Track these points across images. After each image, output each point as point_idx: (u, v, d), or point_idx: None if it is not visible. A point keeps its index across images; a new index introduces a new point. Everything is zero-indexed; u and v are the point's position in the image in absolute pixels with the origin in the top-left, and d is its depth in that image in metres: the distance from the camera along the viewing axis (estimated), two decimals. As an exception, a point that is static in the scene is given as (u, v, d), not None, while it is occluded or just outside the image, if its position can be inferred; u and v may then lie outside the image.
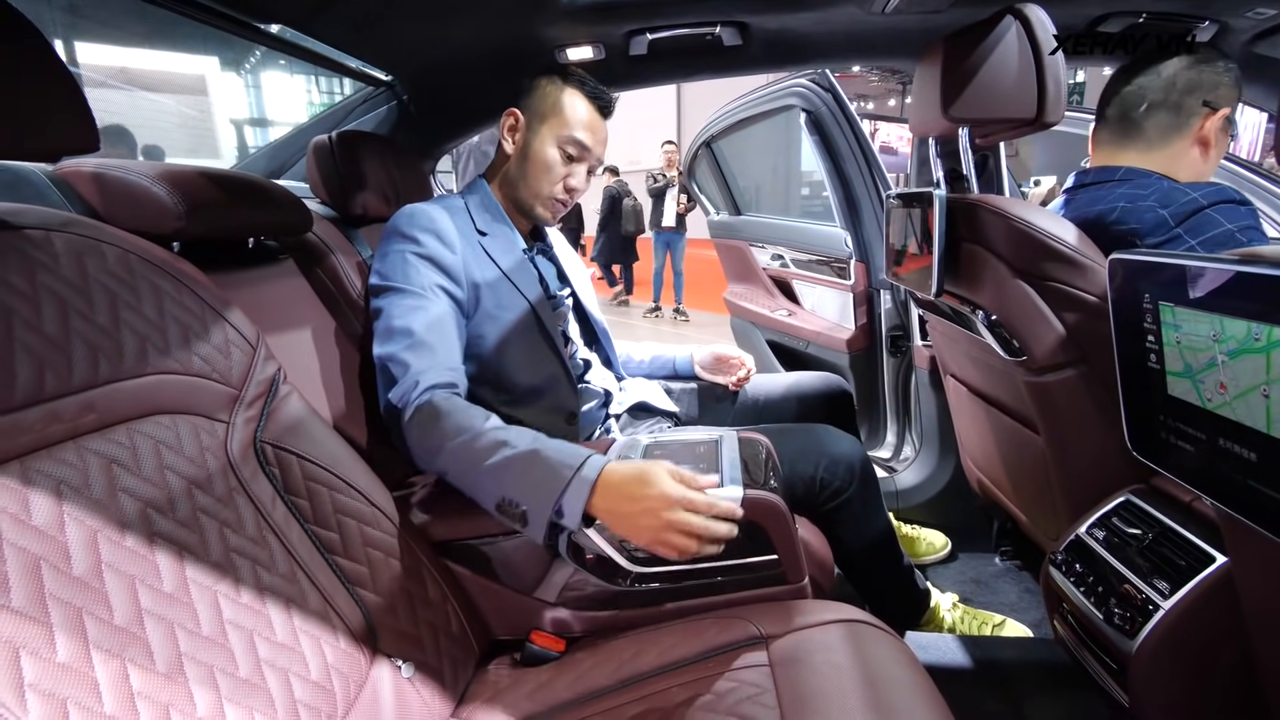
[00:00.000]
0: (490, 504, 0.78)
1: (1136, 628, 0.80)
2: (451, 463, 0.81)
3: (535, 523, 0.75)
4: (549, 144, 1.07)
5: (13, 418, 0.52)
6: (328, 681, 0.64)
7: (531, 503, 0.75)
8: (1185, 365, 0.47)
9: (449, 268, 1.00)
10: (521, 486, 0.76)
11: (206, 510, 0.63)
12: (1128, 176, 1.01)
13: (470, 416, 0.84)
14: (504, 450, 0.79)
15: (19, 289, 0.56)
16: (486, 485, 0.78)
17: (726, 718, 0.64)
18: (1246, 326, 0.40)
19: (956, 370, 1.37)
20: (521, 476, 0.76)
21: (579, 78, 1.09)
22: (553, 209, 1.11)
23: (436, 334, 0.93)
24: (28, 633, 0.46)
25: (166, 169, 0.82)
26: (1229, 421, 0.43)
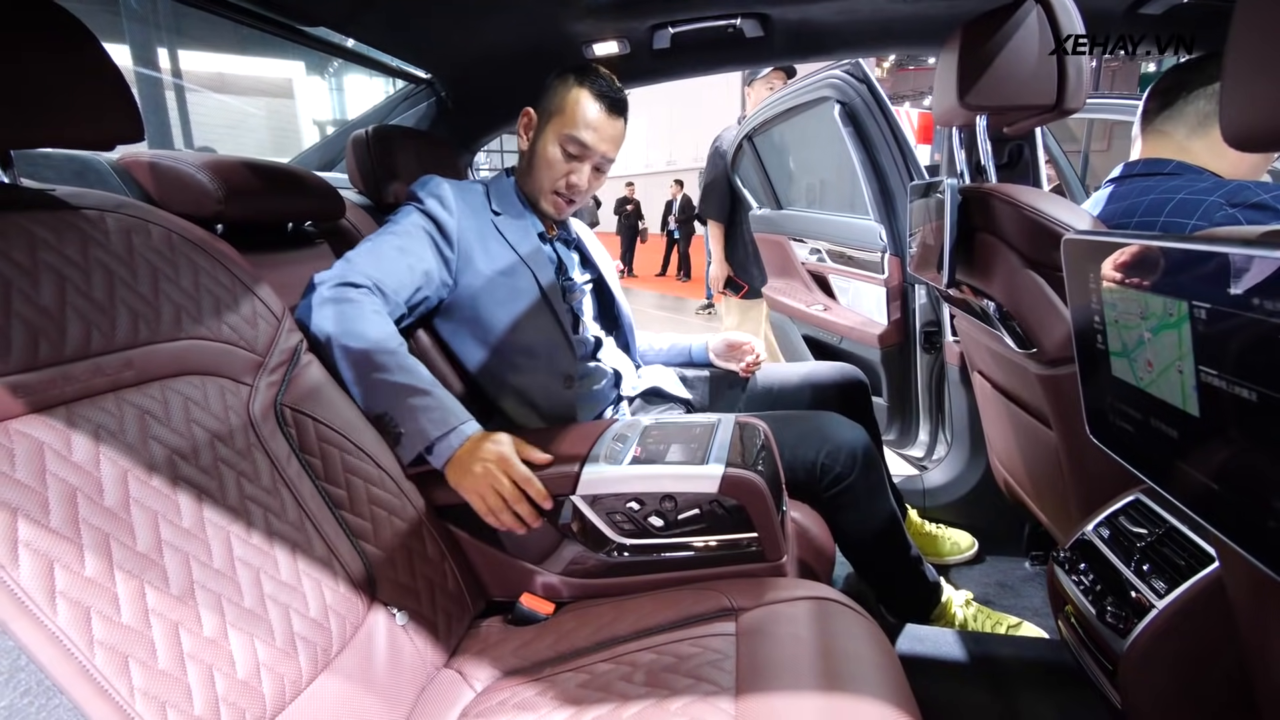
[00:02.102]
0: (372, 410, 0.89)
1: (1130, 627, 0.78)
2: (354, 357, 0.89)
3: (407, 447, 0.88)
4: (551, 142, 1.12)
5: (62, 369, 0.61)
6: (325, 620, 0.71)
7: (410, 430, 0.88)
8: (1123, 344, 0.46)
9: (443, 224, 1.07)
10: (409, 415, 0.88)
11: (226, 461, 0.71)
12: (1179, 171, 0.97)
13: (388, 332, 0.93)
14: (406, 376, 0.90)
15: (74, 260, 0.65)
16: (378, 395, 0.88)
17: (686, 679, 0.67)
18: (1162, 302, 0.40)
19: (982, 366, 1.34)
20: (412, 407, 0.88)
21: (591, 76, 1.11)
22: (555, 204, 1.16)
23: (397, 260, 1.00)
24: (61, 549, 0.54)
25: (213, 159, 0.92)
26: (1155, 399, 0.43)
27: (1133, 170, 1.02)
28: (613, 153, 1.14)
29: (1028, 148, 1.36)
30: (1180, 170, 0.97)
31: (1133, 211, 0.95)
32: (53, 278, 0.62)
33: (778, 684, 0.63)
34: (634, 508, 0.86)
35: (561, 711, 0.67)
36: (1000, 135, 1.26)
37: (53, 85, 0.62)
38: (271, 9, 1.11)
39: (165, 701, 0.54)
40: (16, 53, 0.60)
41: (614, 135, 1.13)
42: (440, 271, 1.06)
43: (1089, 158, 6.66)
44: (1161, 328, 0.40)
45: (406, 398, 0.88)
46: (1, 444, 0.54)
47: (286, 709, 0.63)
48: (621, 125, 1.14)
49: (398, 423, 0.88)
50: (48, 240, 0.63)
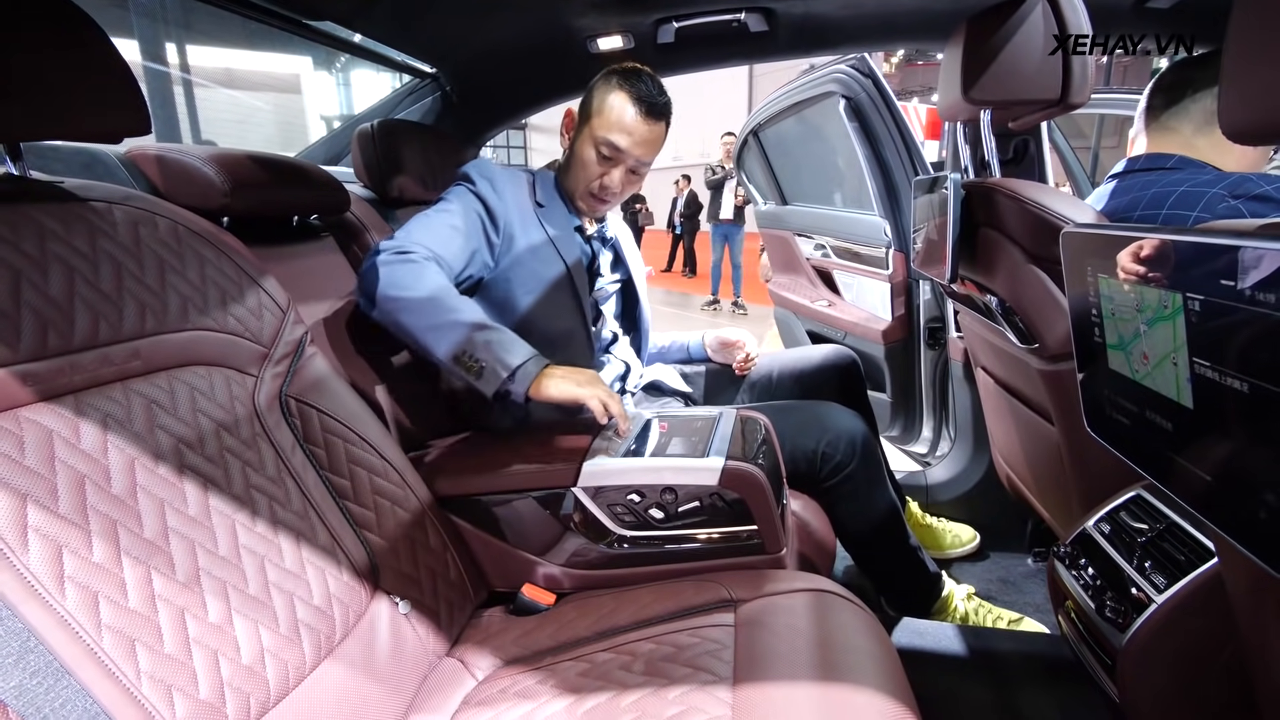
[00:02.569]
0: (448, 353, 0.92)
1: (1129, 622, 0.78)
2: (419, 308, 0.93)
3: (489, 379, 0.91)
4: (587, 143, 1.12)
5: (71, 358, 0.62)
6: (329, 608, 0.72)
7: (490, 362, 0.91)
8: (1119, 337, 0.46)
9: (491, 207, 1.09)
10: (486, 349, 0.91)
11: (231, 450, 0.72)
12: (1180, 165, 0.97)
13: (451, 285, 0.97)
14: (477, 316, 0.94)
15: (82, 251, 0.66)
16: (451, 337, 0.92)
17: (684, 668, 0.68)
18: (1158, 295, 0.40)
19: (985, 362, 1.34)
20: (488, 342, 0.92)
21: (632, 77, 1.10)
22: (589, 205, 1.17)
23: (451, 237, 1.04)
24: (70, 535, 0.55)
25: (219, 152, 0.93)
26: (1151, 392, 0.43)
27: (1135, 165, 1.02)
28: (648, 156, 1.13)
29: (1033, 143, 1.36)
30: (1182, 165, 0.97)
31: (1135, 205, 0.95)
32: (61, 268, 0.63)
33: (775, 674, 0.64)
34: (635, 500, 0.87)
35: (561, 700, 0.68)
36: (1005, 130, 1.26)
37: (61, 79, 0.63)
38: (279, 3, 1.12)
39: (171, 685, 0.55)
40: (26, 47, 0.61)
41: (650, 139, 1.11)
42: (485, 253, 1.09)
43: (1098, 154, 6.61)
44: (1157, 320, 0.41)
45: (480, 333, 0.92)
46: (11, 431, 0.55)
47: (290, 694, 0.64)
48: (660, 129, 1.12)
49: (476, 357, 0.91)
50: (57, 232, 0.64)
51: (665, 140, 1.15)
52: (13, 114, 0.61)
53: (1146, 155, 1.01)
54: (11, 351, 0.57)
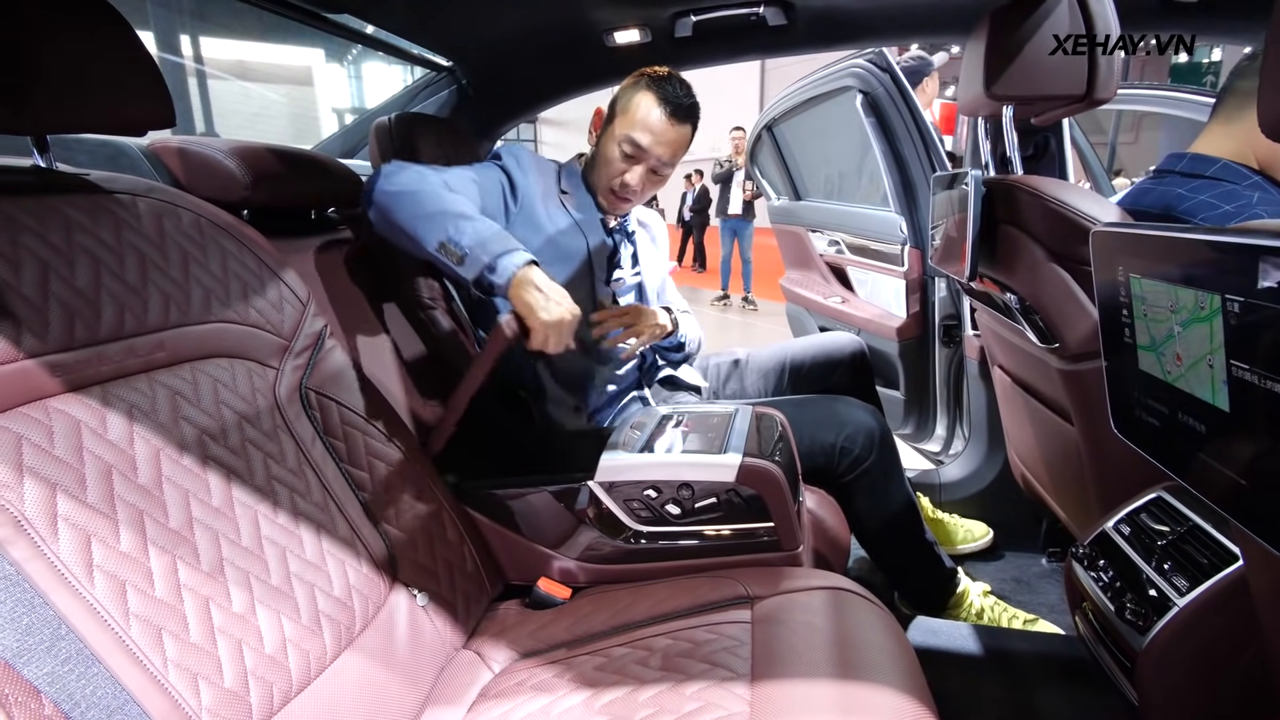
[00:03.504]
0: (433, 241, 0.91)
1: (1149, 624, 0.77)
2: (410, 202, 0.93)
3: (470, 264, 0.89)
4: (612, 141, 1.13)
5: (97, 349, 0.62)
6: (349, 599, 0.73)
7: (473, 249, 0.89)
8: (1150, 338, 0.46)
9: (514, 181, 1.12)
10: (470, 237, 0.90)
11: (253, 442, 0.73)
12: (1223, 175, 0.90)
13: (440, 184, 0.98)
14: (464, 208, 0.94)
15: (108, 243, 0.67)
16: (438, 225, 0.91)
17: (701, 664, 0.68)
18: (1194, 295, 0.39)
19: (1002, 360, 1.33)
20: (473, 231, 0.91)
21: (660, 80, 1.11)
22: (610, 202, 1.18)
23: (466, 181, 1.06)
24: (98, 524, 0.56)
25: (240, 145, 0.93)
26: (1184, 394, 0.43)
27: (1175, 166, 0.96)
28: (670, 157, 1.13)
29: (1054, 139, 1.34)
30: (1226, 174, 0.90)
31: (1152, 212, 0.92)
32: (88, 260, 0.64)
33: (793, 671, 0.64)
34: (651, 495, 0.87)
35: (579, 693, 0.68)
36: (1026, 126, 1.24)
37: (89, 71, 0.64)
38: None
39: (197, 673, 0.56)
40: (53, 40, 0.61)
41: (674, 140, 1.11)
42: (499, 215, 1.11)
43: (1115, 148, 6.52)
44: (1192, 321, 0.40)
45: (466, 221, 0.91)
46: (40, 421, 0.56)
47: (311, 684, 0.65)
48: (685, 132, 1.12)
49: (459, 244, 0.90)
50: (83, 223, 0.65)
51: (690, 144, 1.15)
52: (39, 106, 0.61)
53: (1191, 156, 0.96)
54: (40, 342, 0.57)
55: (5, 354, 0.55)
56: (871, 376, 1.41)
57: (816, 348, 1.39)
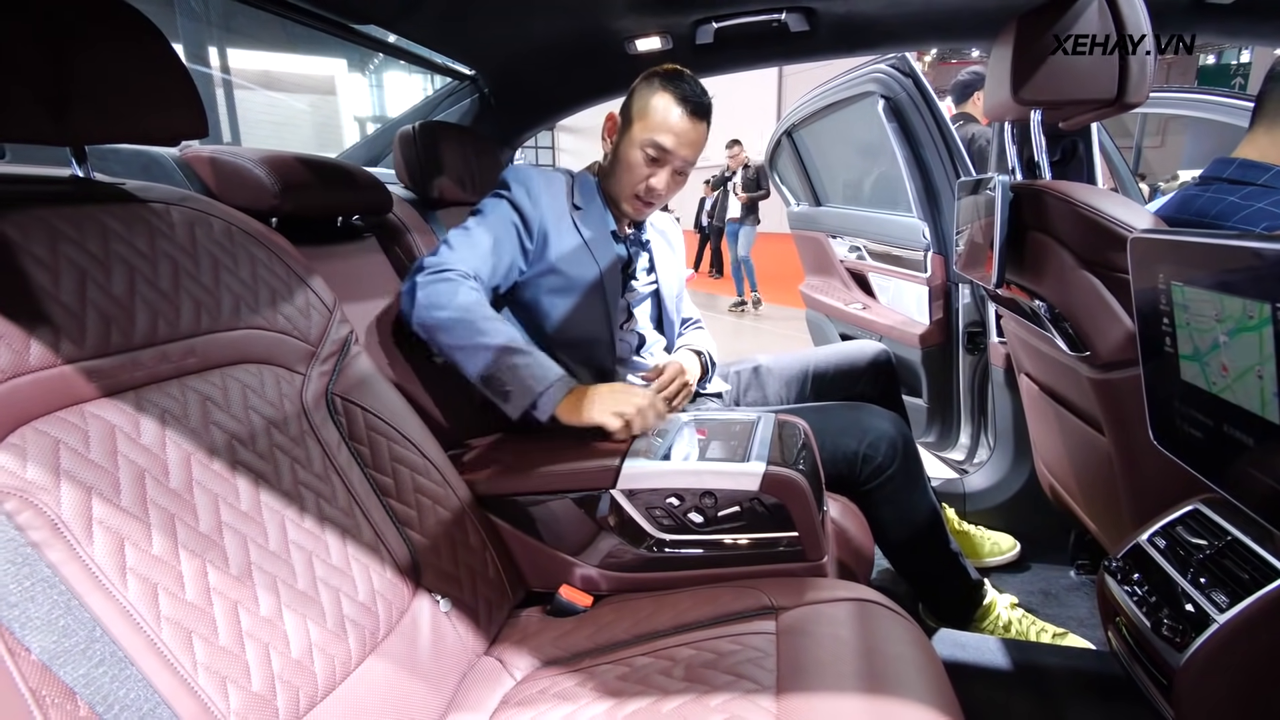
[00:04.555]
0: (478, 374, 0.96)
1: (1187, 641, 0.75)
2: (455, 328, 0.97)
3: (514, 404, 0.95)
4: (633, 146, 1.12)
5: (132, 355, 0.63)
6: (373, 604, 0.73)
7: (515, 390, 0.95)
8: (1194, 348, 0.45)
9: (525, 214, 1.11)
10: (513, 373, 0.95)
11: (281, 447, 0.73)
12: (1274, 183, 0.85)
13: (484, 304, 1.01)
14: (506, 339, 0.98)
15: (142, 251, 0.68)
16: (482, 358, 0.96)
17: (726, 676, 0.67)
18: (1242, 304, 0.38)
19: (1030, 368, 1.31)
20: (514, 366, 0.96)
21: (674, 79, 1.10)
22: (635, 207, 1.17)
23: (486, 247, 1.06)
24: (131, 527, 0.57)
25: (270, 154, 0.95)
26: (1229, 405, 0.41)
27: (1221, 173, 0.92)
28: (693, 157, 1.13)
29: (1082, 144, 1.32)
30: (1276, 183, 0.85)
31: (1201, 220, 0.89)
32: (124, 268, 0.65)
33: (820, 684, 0.63)
34: (674, 503, 0.87)
35: (601, 703, 0.68)
36: (1054, 130, 1.22)
37: (125, 83, 0.65)
38: (326, 7, 1.14)
39: (226, 677, 0.56)
40: (91, 52, 0.62)
41: (695, 139, 1.12)
42: (519, 260, 1.12)
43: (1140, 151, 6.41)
44: (1240, 330, 0.39)
45: (508, 357, 0.96)
46: (77, 426, 0.57)
47: (337, 689, 0.65)
48: (704, 129, 1.12)
49: (501, 382, 0.95)
50: (119, 232, 0.66)
51: (707, 140, 1.14)
52: (78, 118, 0.63)
53: (1239, 163, 0.90)
54: (78, 348, 0.59)
55: (44, 360, 0.56)
56: (897, 384, 1.40)
57: (840, 355, 1.38)
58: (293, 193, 0.92)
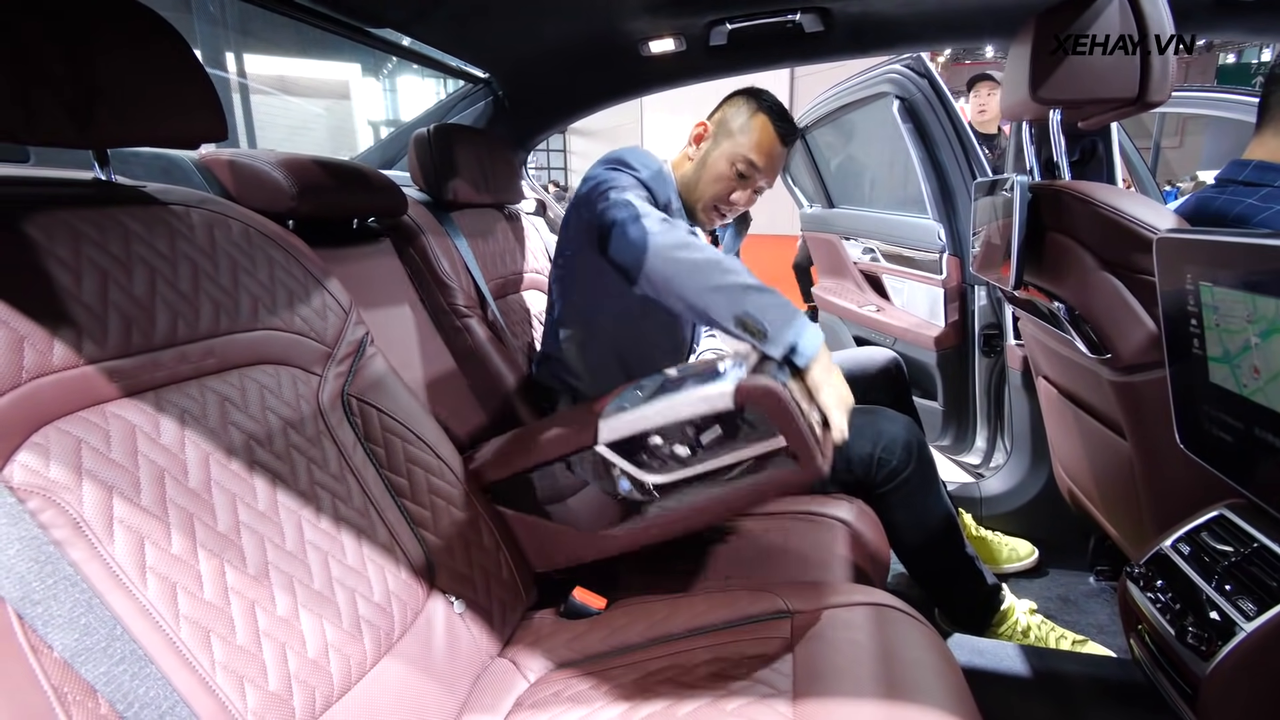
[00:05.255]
0: (728, 315, 0.88)
1: (1213, 649, 0.73)
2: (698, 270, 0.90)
3: (774, 344, 0.86)
4: (724, 158, 1.13)
5: (152, 356, 0.64)
6: (388, 605, 0.73)
7: (775, 328, 0.86)
8: (1224, 349, 0.44)
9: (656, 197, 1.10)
10: (769, 315, 0.86)
11: (298, 447, 0.74)
12: None
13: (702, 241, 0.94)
14: (752, 278, 0.90)
15: (163, 252, 0.69)
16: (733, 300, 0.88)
17: (741, 680, 0.66)
18: (1276, 305, 0.37)
19: (1048, 371, 1.29)
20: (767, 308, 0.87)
21: (772, 105, 1.13)
22: (709, 217, 1.19)
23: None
24: (151, 526, 0.57)
25: (287, 157, 0.95)
26: (1262, 408, 0.40)
27: (1237, 175, 0.91)
28: (773, 180, 1.16)
29: (1102, 143, 1.30)
30: None
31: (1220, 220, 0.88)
32: (145, 269, 0.66)
33: (836, 689, 0.62)
34: (657, 443, 0.84)
35: (616, 706, 0.67)
36: (1072, 130, 1.21)
37: (148, 88, 0.66)
38: (342, 11, 1.15)
39: (243, 676, 0.56)
40: (114, 56, 0.63)
41: (780, 165, 1.15)
42: None
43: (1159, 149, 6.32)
44: (1273, 332, 0.38)
45: (758, 296, 0.88)
46: (98, 425, 0.57)
47: (352, 689, 0.65)
48: (786, 156, 1.16)
49: (759, 321, 0.87)
50: (140, 234, 0.67)
51: None
52: (101, 122, 0.63)
53: (1255, 164, 0.90)
54: (99, 348, 0.59)
55: (67, 360, 0.56)
56: (909, 392, 1.39)
57: (851, 362, 1.37)
58: (309, 195, 0.93)
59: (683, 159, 1.20)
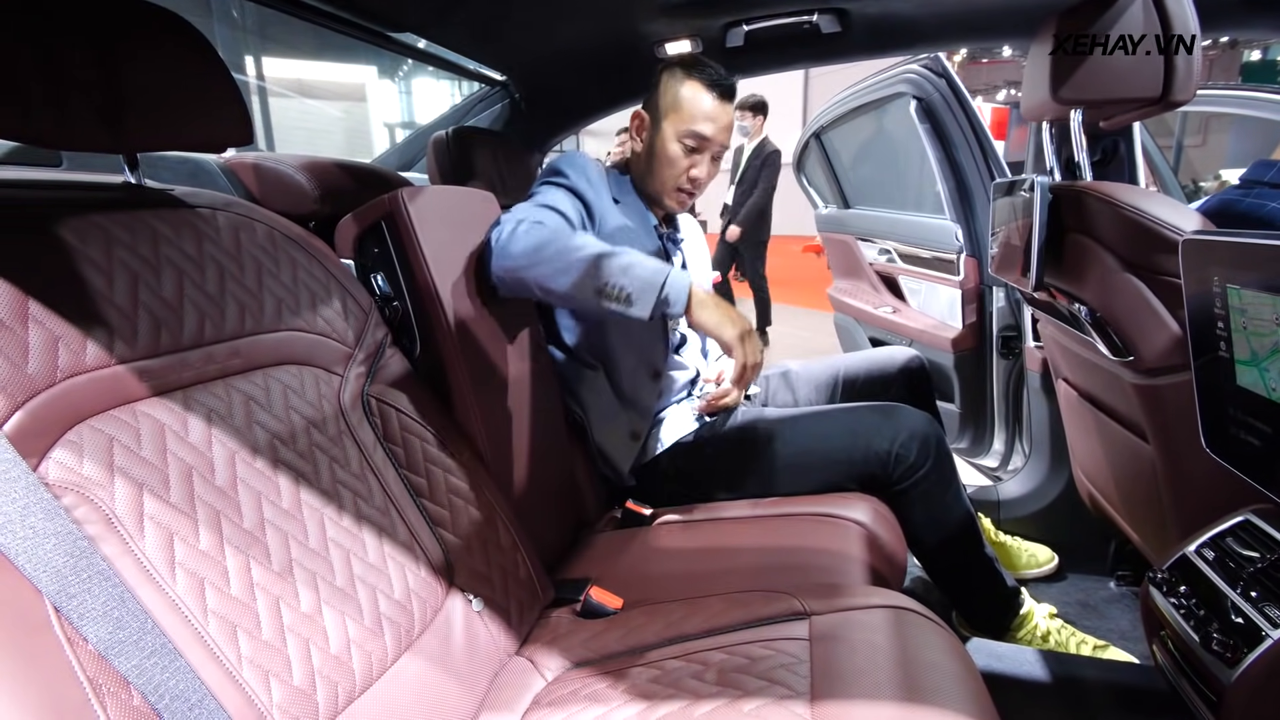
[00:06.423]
0: (590, 289, 0.88)
1: (1239, 656, 0.72)
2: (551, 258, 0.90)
3: (642, 303, 0.87)
4: (671, 139, 1.12)
5: (180, 356, 0.65)
6: (408, 602, 0.74)
7: (638, 289, 0.87)
8: (1251, 352, 0.43)
9: (589, 201, 1.09)
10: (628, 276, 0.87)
11: (320, 446, 0.75)
12: None
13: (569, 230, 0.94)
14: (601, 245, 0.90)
15: (190, 255, 0.70)
16: (591, 273, 0.88)
17: (759, 681, 0.66)
18: (1305, 307, 0.37)
19: (1068, 373, 1.28)
20: (626, 268, 0.88)
21: (699, 66, 1.11)
22: (679, 200, 1.18)
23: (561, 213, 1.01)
24: (180, 523, 0.58)
25: (310, 160, 0.97)
26: (1292, 412, 0.40)
27: (1264, 176, 0.90)
28: (727, 140, 1.14)
29: (1124, 143, 1.28)
30: None
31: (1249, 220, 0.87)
32: (173, 271, 0.67)
33: (854, 691, 0.62)
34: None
35: (632, 705, 0.68)
36: (1094, 130, 1.19)
37: (177, 93, 0.67)
38: (363, 16, 1.16)
39: (269, 670, 0.57)
40: (146, 64, 0.65)
41: (728, 123, 1.13)
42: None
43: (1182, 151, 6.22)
44: (1303, 335, 0.38)
45: (612, 260, 0.88)
46: (129, 424, 0.59)
47: (374, 685, 0.66)
48: (732, 110, 1.13)
49: (620, 286, 0.87)
50: (169, 237, 0.68)
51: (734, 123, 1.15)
52: (131, 127, 0.65)
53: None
54: (130, 349, 0.61)
55: (100, 360, 0.58)
56: (931, 392, 1.37)
57: (870, 361, 1.36)
58: (331, 197, 0.94)
59: (633, 155, 1.20)
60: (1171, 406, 0.90)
